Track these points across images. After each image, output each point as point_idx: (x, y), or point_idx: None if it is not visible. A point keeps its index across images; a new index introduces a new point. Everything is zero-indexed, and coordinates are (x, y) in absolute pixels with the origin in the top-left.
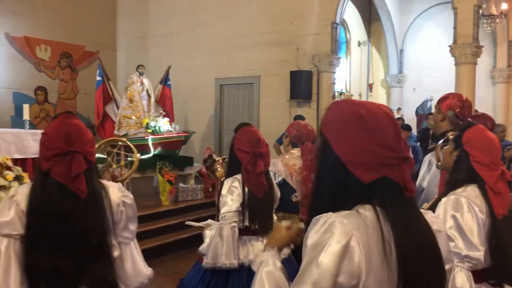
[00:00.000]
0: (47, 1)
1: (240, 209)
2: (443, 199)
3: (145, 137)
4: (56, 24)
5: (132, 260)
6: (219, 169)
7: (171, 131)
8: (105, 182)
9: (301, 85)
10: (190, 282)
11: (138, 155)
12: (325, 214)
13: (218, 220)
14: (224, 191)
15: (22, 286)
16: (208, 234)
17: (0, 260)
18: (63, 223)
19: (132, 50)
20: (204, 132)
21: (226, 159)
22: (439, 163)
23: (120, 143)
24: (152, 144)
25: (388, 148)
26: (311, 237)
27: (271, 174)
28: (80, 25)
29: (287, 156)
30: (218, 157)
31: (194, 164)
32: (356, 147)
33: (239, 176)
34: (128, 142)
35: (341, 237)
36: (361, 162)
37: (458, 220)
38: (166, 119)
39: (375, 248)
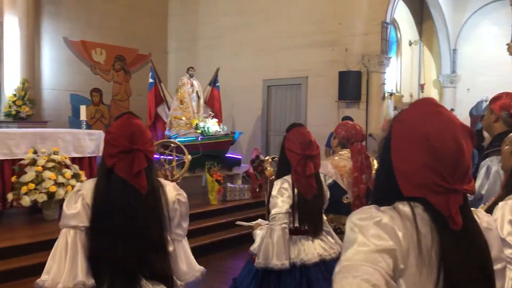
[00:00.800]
0: (101, 6)
1: (290, 210)
2: (500, 203)
3: (195, 137)
4: (110, 28)
5: (186, 257)
6: (268, 168)
7: (219, 131)
8: (162, 180)
9: (350, 86)
10: (243, 281)
11: (189, 156)
12: (363, 208)
13: (268, 220)
14: (274, 192)
15: (88, 275)
16: (258, 234)
17: (68, 250)
18: (125, 217)
19: (182, 53)
20: (251, 133)
21: (275, 158)
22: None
23: (172, 144)
24: (201, 144)
25: (439, 176)
26: (350, 223)
27: (321, 176)
28: (133, 29)
29: (336, 158)
30: (268, 156)
31: (242, 165)
32: (409, 161)
33: (288, 178)
34: (180, 144)
35: (384, 219)
36: (407, 176)
37: None
38: (215, 120)
39: (411, 241)
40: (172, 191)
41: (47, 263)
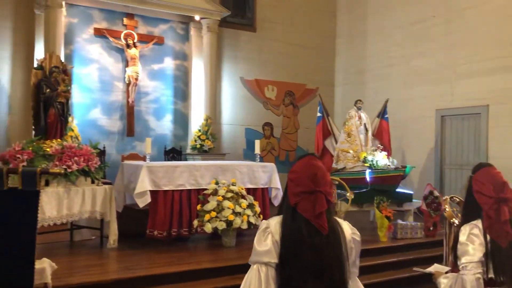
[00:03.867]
0: (273, 46)
1: (483, 259)
2: None
3: (362, 171)
4: (281, 66)
5: None
6: (447, 209)
7: (388, 165)
8: (337, 219)
9: None
10: None
11: (352, 195)
12: None
13: (446, 265)
14: (463, 238)
15: None
16: (445, 283)
17: (262, 285)
18: (312, 255)
19: (349, 85)
20: (423, 167)
21: (454, 197)
22: None
23: (335, 182)
24: (369, 178)
25: None
26: None
27: None
28: (301, 65)
29: None
30: (446, 196)
31: (413, 200)
32: None
33: (478, 223)
34: (342, 182)
35: None
36: None
37: None
38: (384, 153)
39: None
40: (348, 230)
41: None
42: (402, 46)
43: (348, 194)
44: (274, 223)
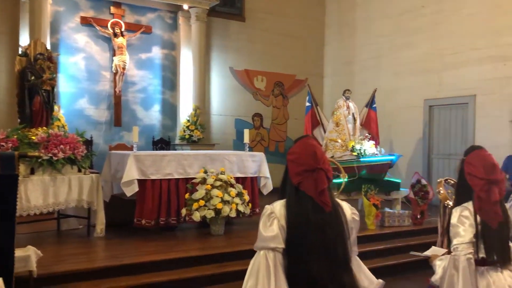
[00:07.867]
0: (263, 36)
1: (474, 240)
2: None
3: (351, 160)
4: (270, 56)
5: (363, 271)
6: (441, 191)
7: (376, 154)
8: (337, 199)
9: None
10: None
11: (346, 175)
12: None
13: (443, 247)
14: (454, 220)
15: None
16: (439, 265)
17: (271, 271)
18: (317, 234)
19: (338, 76)
20: (411, 156)
21: (449, 180)
22: None
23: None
24: (357, 167)
25: None
26: None
27: None
28: (291, 55)
29: None
30: (440, 179)
31: (401, 189)
32: None
33: (469, 205)
34: (337, 163)
35: None
36: None
37: None
38: (372, 142)
39: None
40: (348, 209)
41: (247, 284)
42: (391, 36)
43: (341, 174)
44: (279, 207)
